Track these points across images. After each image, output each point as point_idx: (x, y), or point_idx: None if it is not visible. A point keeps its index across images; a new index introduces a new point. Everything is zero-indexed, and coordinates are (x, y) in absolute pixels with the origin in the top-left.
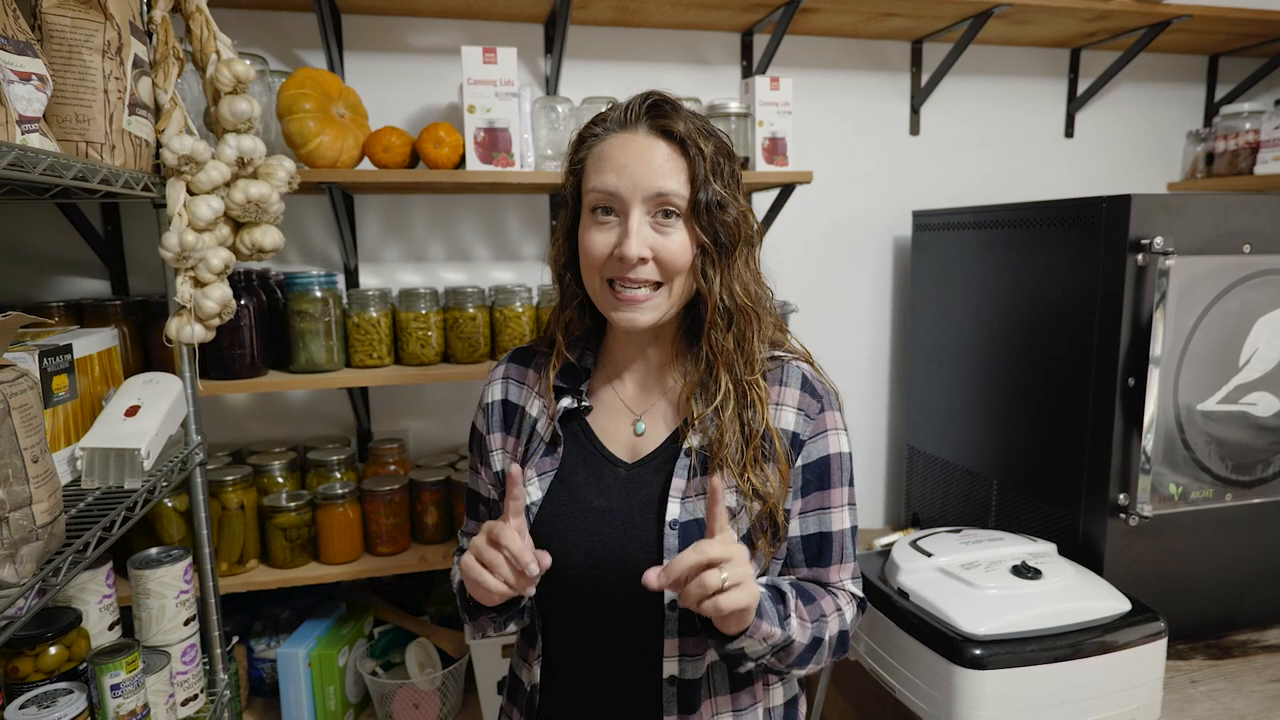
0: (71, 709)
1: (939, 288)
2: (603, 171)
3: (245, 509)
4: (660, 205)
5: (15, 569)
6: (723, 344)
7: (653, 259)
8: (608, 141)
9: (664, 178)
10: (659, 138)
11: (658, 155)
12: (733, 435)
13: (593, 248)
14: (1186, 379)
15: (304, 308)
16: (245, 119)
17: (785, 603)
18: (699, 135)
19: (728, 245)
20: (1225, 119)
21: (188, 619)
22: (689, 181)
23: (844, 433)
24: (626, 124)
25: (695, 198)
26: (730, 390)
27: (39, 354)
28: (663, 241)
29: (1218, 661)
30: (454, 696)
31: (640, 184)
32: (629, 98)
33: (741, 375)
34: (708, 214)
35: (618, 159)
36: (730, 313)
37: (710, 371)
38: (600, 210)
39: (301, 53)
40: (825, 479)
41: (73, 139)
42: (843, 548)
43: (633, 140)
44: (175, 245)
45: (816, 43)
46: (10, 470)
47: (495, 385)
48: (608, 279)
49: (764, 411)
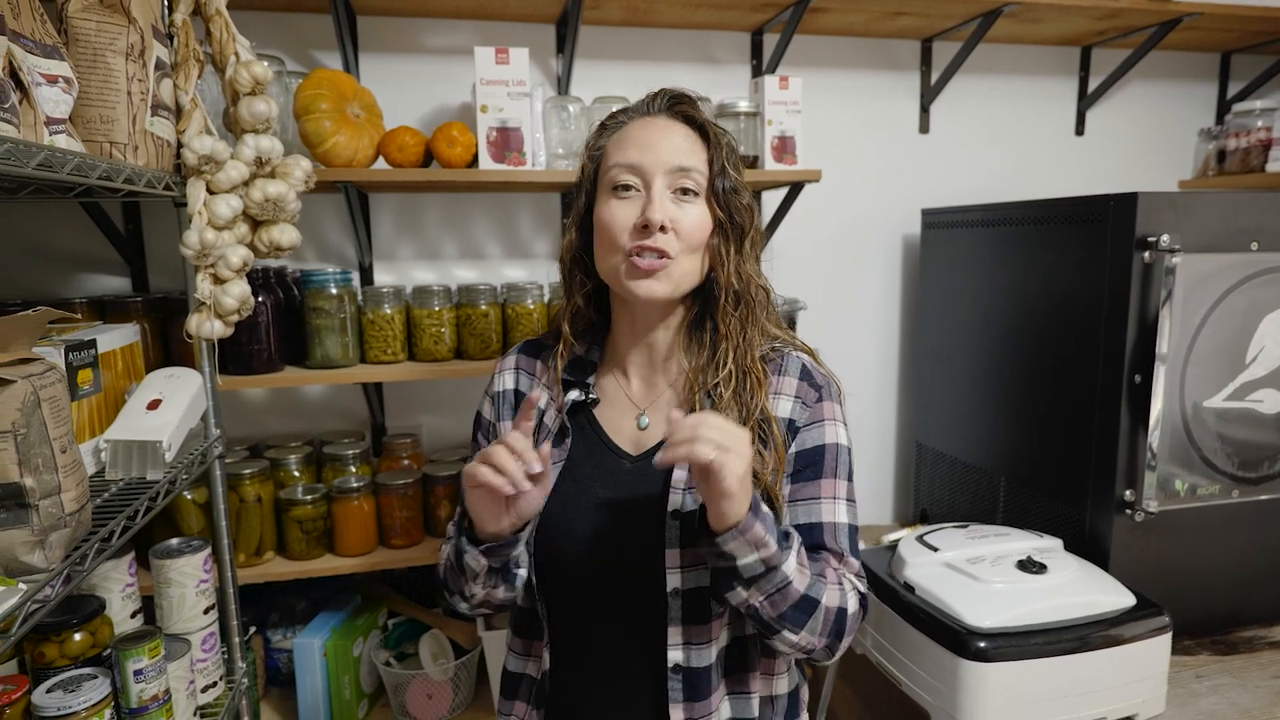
0: (96, 693)
1: (947, 285)
2: (625, 148)
3: (263, 502)
4: (681, 179)
5: (45, 555)
6: (731, 323)
7: (672, 230)
8: (630, 125)
9: (685, 155)
10: (680, 122)
11: (678, 136)
12: (730, 416)
13: (614, 220)
14: (1193, 376)
15: (320, 304)
16: (263, 119)
17: (789, 537)
18: (716, 126)
19: (741, 229)
20: (1237, 117)
21: (207, 608)
22: (708, 163)
23: (842, 425)
24: (649, 111)
25: (713, 179)
26: (732, 372)
27: (65, 349)
28: (682, 214)
29: (1224, 657)
30: (466, 687)
31: (663, 158)
32: (649, 93)
33: (742, 360)
34: (725, 196)
35: (640, 138)
36: (739, 294)
37: (716, 355)
38: (621, 188)
39: (318, 54)
40: (818, 468)
41: (97, 139)
42: (836, 539)
43: (654, 122)
44: (195, 243)
45: (826, 42)
46: (40, 459)
47: (507, 375)
48: (629, 252)
49: (761, 395)
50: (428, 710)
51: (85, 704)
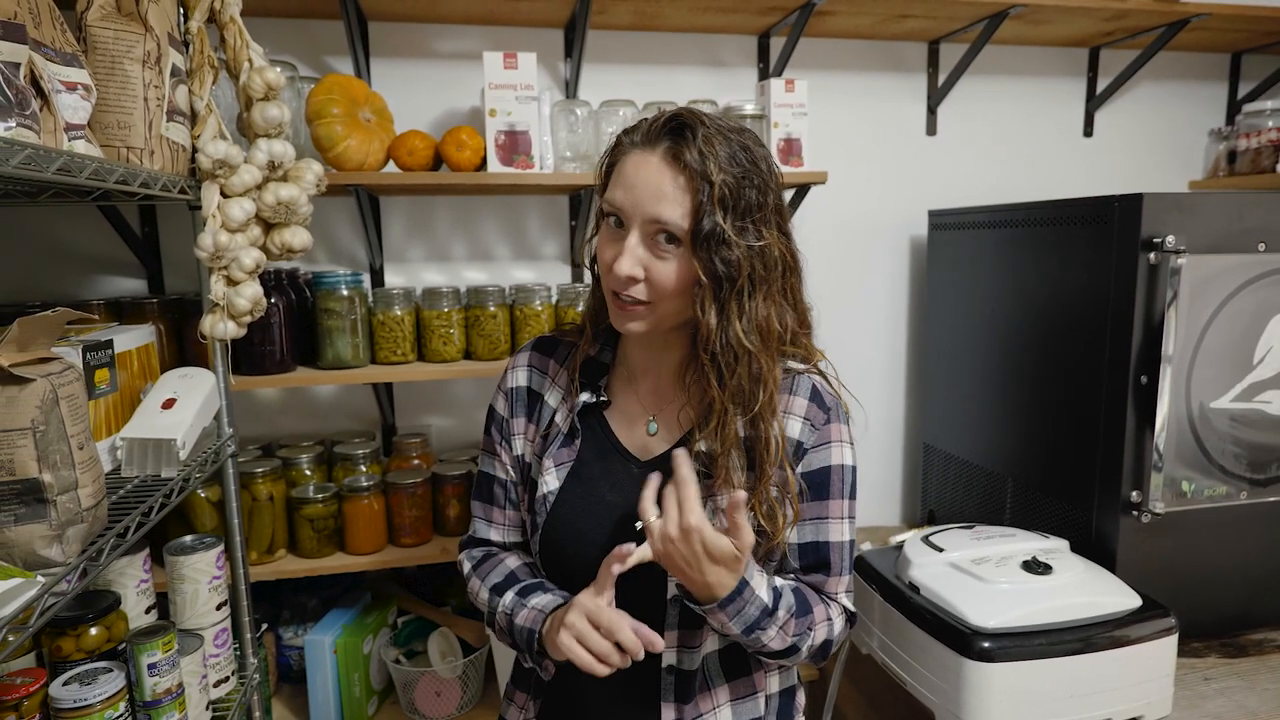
0: (111, 686)
1: (954, 287)
2: (616, 186)
3: (274, 500)
4: (657, 231)
5: (62, 548)
6: (717, 379)
7: (644, 280)
8: (629, 157)
9: (664, 205)
10: (670, 164)
11: (665, 181)
12: (737, 455)
13: (601, 253)
14: (1200, 377)
15: (331, 306)
16: (276, 124)
17: (773, 614)
18: (714, 164)
19: (729, 281)
20: (1247, 117)
21: (220, 604)
22: (692, 213)
23: (849, 446)
24: (648, 141)
25: (697, 228)
26: (731, 423)
27: (82, 349)
28: (656, 265)
29: (1232, 659)
30: (474, 685)
31: (641, 207)
32: (660, 112)
33: (744, 407)
34: (707, 247)
35: (630, 177)
36: (721, 353)
37: (712, 403)
38: (613, 220)
39: (330, 59)
40: (824, 489)
41: (115, 144)
42: (840, 559)
43: (647, 161)
44: (209, 245)
45: (833, 44)
46: (58, 456)
47: (520, 371)
48: (610, 289)
49: (772, 454)
50: (436, 707)
51: (100, 697)
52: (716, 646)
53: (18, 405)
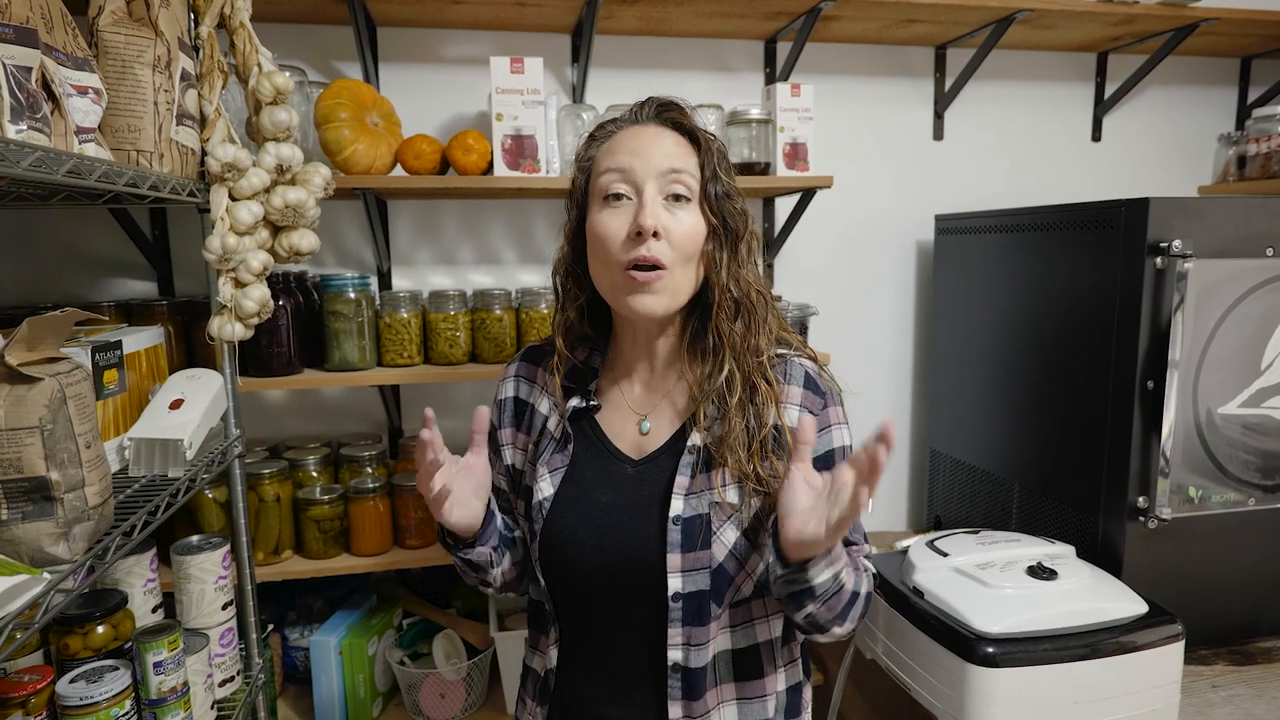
0: (117, 684)
1: (961, 291)
2: (615, 155)
3: (281, 501)
4: (673, 183)
5: (69, 546)
6: (730, 330)
7: (665, 238)
8: (619, 134)
9: (676, 159)
10: (669, 128)
11: (668, 142)
12: (739, 424)
13: (607, 230)
14: (1207, 382)
15: (338, 308)
16: (284, 128)
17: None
18: (706, 132)
19: (735, 234)
20: (1257, 122)
21: (225, 604)
22: (699, 168)
23: (846, 427)
24: (638, 119)
25: (705, 184)
26: (736, 377)
27: (91, 349)
28: (675, 221)
29: (1240, 667)
30: (479, 687)
31: (654, 163)
32: (637, 102)
33: (748, 368)
34: (717, 202)
35: (630, 145)
36: (737, 301)
37: (717, 362)
38: (612, 196)
39: (339, 64)
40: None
41: (125, 148)
42: (855, 529)
43: (644, 130)
44: (218, 248)
45: (839, 49)
46: (65, 454)
47: (508, 383)
48: (625, 265)
49: (773, 402)
50: (440, 709)
51: (107, 694)
52: (728, 646)
53: (26, 404)
